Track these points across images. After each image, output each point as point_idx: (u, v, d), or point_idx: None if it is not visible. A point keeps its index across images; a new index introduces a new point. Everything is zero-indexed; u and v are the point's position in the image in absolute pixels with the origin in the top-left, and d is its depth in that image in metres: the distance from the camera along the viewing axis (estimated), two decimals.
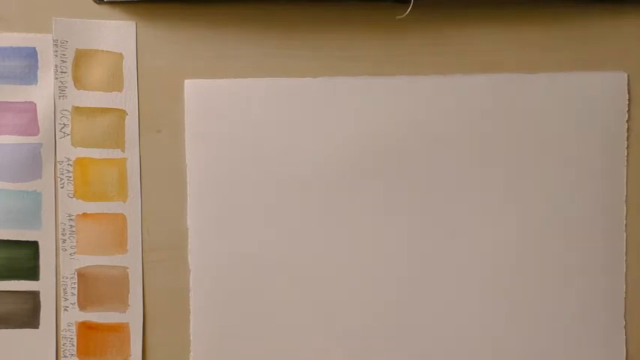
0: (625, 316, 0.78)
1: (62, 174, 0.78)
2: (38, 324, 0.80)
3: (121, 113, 0.78)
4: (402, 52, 0.77)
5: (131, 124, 0.78)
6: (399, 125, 0.77)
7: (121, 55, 0.78)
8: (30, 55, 0.78)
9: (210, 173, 0.78)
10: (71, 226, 0.79)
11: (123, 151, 0.79)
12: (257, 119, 0.77)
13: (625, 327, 0.78)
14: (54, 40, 0.77)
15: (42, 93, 0.78)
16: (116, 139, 0.79)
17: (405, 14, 0.74)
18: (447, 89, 0.77)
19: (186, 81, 0.77)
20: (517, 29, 0.77)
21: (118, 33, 0.78)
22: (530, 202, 0.77)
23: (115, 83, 0.78)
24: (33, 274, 0.79)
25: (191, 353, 0.79)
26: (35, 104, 0.78)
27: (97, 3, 0.77)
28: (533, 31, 0.77)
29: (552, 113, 0.77)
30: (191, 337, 0.79)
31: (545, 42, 0.77)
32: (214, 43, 0.77)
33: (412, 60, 0.77)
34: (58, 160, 0.78)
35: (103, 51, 0.78)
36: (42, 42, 0.78)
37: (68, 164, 0.78)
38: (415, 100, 0.77)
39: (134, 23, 0.77)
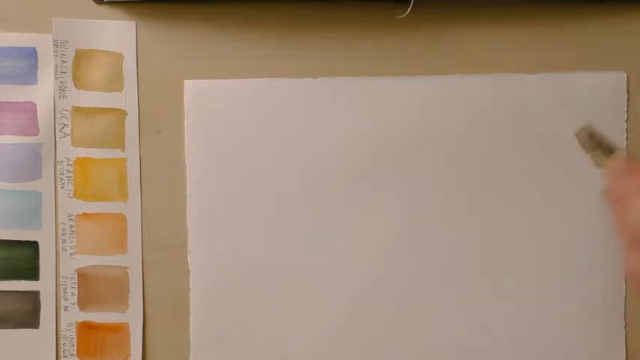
0: (625, 316, 0.78)
1: (62, 174, 0.78)
2: (38, 324, 0.80)
3: (121, 113, 0.78)
4: (402, 52, 0.77)
5: (131, 124, 0.78)
6: (398, 125, 0.77)
7: (121, 55, 0.78)
8: (30, 55, 0.78)
9: (210, 173, 0.77)
10: (71, 226, 0.79)
11: (123, 151, 0.79)
12: (257, 120, 0.77)
13: (625, 327, 0.78)
14: (54, 40, 0.77)
15: (42, 93, 0.78)
16: (116, 139, 0.79)
17: (405, 14, 0.74)
18: (447, 89, 0.77)
19: (185, 81, 0.77)
20: (517, 29, 0.77)
21: (118, 33, 0.78)
22: (529, 202, 0.77)
23: (115, 83, 0.78)
24: (33, 274, 0.79)
25: (191, 353, 0.79)
26: (35, 104, 0.78)
27: (97, 3, 0.77)
28: (533, 31, 0.77)
29: (552, 113, 0.76)
30: (191, 337, 0.79)
31: (545, 42, 0.77)
32: (214, 43, 0.77)
33: (412, 60, 0.77)
34: (58, 160, 0.78)
35: (103, 51, 0.78)
36: (42, 42, 0.78)
37: (68, 164, 0.78)
38: (415, 100, 0.77)
39: (134, 23, 0.77)
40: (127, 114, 0.78)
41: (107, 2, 0.77)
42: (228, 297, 0.78)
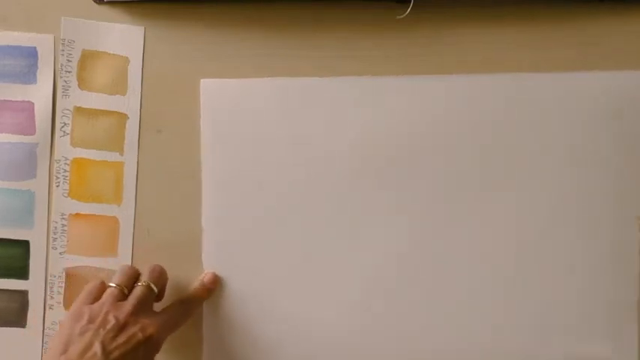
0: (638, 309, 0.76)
1: (59, 172, 0.78)
2: (25, 323, 0.79)
3: (123, 117, 0.79)
4: (402, 52, 0.77)
5: (132, 128, 0.79)
6: (408, 124, 0.76)
7: (127, 59, 0.79)
8: (30, 54, 0.78)
9: (225, 173, 0.77)
10: (63, 225, 0.78)
11: (121, 154, 0.79)
12: (272, 118, 0.77)
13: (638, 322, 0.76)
14: (61, 40, 0.78)
15: (41, 93, 0.78)
16: (115, 142, 0.79)
17: (405, 14, 0.74)
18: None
19: (202, 80, 0.77)
20: (517, 29, 0.76)
21: (125, 36, 0.78)
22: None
23: (118, 86, 0.79)
24: (23, 273, 0.79)
25: (204, 354, 0.78)
26: (33, 104, 0.78)
27: (97, 3, 0.77)
28: (533, 30, 0.76)
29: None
30: (204, 336, 0.78)
31: (545, 42, 0.76)
32: (215, 43, 0.78)
33: (412, 60, 0.77)
34: (55, 158, 0.78)
35: (109, 53, 0.79)
36: (43, 42, 0.78)
37: (65, 163, 0.78)
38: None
39: (142, 28, 0.78)
40: (129, 118, 0.79)
41: (108, 2, 0.77)
42: (241, 298, 0.78)
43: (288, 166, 0.77)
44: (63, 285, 0.78)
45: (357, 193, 0.77)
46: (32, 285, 0.79)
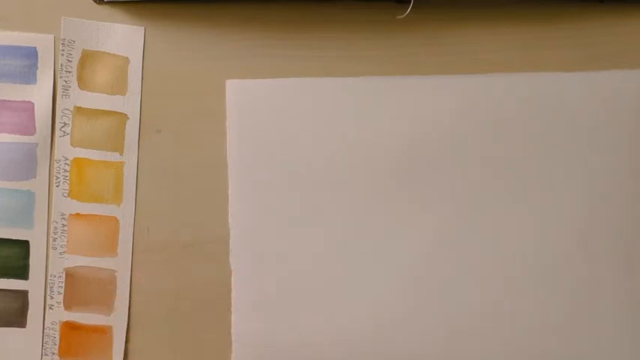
0: None
1: (59, 172, 0.78)
2: (25, 323, 0.78)
3: (123, 117, 0.78)
4: (402, 52, 0.77)
5: (132, 128, 0.78)
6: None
7: (127, 60, 0.78)
8: (30, 54, 0.78)
9: (251, 173, 0.77)
10: (63, 225, 0.78)
11: (121, 154, 0.78)
12: (298, 118, 0.77)
13: None
14: (61, 40, 0.78)
15: (41, 93, 0.78)
16: (115, 142, 0.79)
17: (405, 14, 0.74)
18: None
19: (227, 81, 0.77)
20: (517, 29, 0.76)
21: (125, 36, 0.78)
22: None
23: (119, 86, 0.78)
24: (23, 273, 0.78)
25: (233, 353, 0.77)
26: (33, 104, 0.78)
27: (97, 3, 0.77)
28: (533, 31, 0.76)
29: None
30: (233, 338, 0.77)
31: (545, 42, 0.76)
32: (214, 43, 0.78)
33: (412, 60, 0.77)
34: (55, 158, 0.78)
35: (109, 53, 0.78)
36: (43, 42, 0.78)
37: (65, 163, 0.78)
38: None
39: (143, 28, 0.78)
40: (129, 118, 0.78)
41: (107, 2, 0.77)
42: (269, 298, 0.77)
43: (317, 166, 0.77)
44: (63, 285, 0.78)
45: (374, 194, 0.77)
46: (32, 285, 0.78)
